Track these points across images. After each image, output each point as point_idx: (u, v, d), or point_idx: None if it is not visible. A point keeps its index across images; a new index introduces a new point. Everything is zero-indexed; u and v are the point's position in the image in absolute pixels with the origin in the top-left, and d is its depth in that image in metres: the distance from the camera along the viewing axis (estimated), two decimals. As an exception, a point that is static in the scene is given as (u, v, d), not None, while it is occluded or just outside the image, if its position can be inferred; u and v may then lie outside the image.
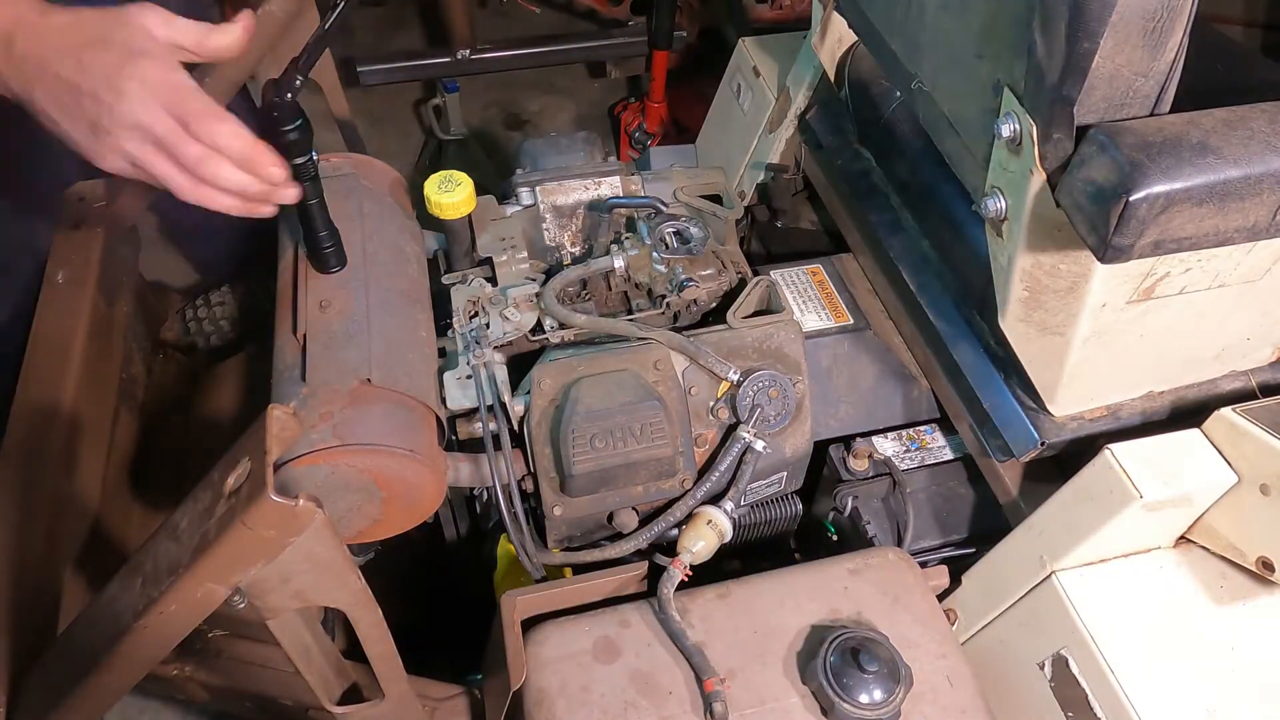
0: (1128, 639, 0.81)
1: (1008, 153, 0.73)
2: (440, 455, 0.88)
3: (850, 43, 1.19)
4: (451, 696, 0.95)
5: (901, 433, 1.10)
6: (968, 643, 0.95)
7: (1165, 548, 0.86)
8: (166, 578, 0.61)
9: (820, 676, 0.76)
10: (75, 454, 0.97)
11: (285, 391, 0.83)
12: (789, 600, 0.84)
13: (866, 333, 1.10)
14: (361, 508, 0.83)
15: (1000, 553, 0.91)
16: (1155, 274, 0.75)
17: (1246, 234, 0.67)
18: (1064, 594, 0.83)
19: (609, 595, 0.88)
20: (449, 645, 1.10)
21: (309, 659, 0.73)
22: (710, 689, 0.76)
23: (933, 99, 0.85)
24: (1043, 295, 0.79)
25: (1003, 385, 0.94)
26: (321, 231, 0.86)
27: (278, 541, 0.57)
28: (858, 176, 1.19)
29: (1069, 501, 0.82)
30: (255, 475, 0.55)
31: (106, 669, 0.67)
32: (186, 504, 0.62)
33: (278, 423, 0.57)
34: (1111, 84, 0.65)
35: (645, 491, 0.93)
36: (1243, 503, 0.79)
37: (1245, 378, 0.92)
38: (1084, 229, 0.66)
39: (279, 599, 0.63)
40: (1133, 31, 0.62)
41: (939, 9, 0.81)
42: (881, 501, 1.05)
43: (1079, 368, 0.83)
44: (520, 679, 0.78)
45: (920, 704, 0.78)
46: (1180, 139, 0.63)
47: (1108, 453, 0.79)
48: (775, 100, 1.37)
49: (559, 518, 0.93)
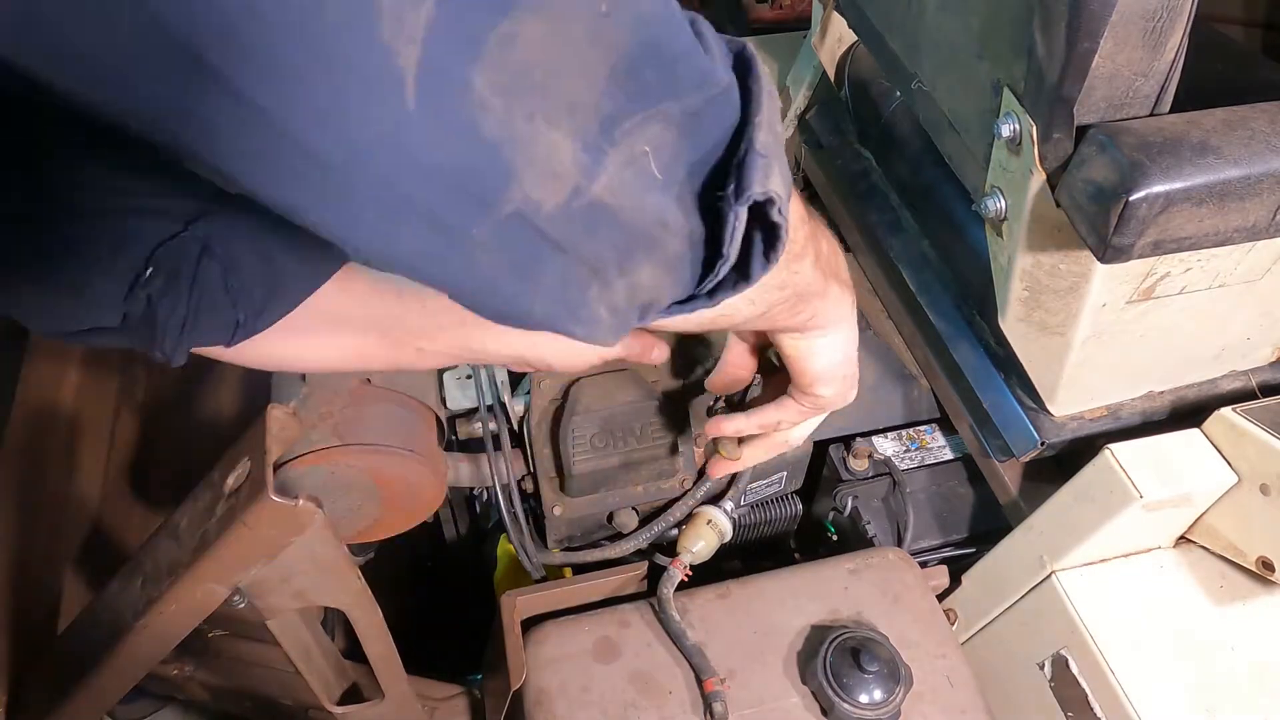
0: (1128, 639, 0.81)
1: (1008, 153, 0.73)
2: (440, 455, 0.88)
3: (850, 43, 1.19)
4: (451, 696, 0.95)
5: (901, 433, 1.10)
6: (968, 643, 0.95)
7: (1165, 548, 0.86)
8: (166, 578, 0.61)
9: (820, 676, 0.76)
10: (75, 454, 0.97)
11: (285, 391, 0.83)
12: (789, 600, 0.84)
13: (866, 333, 1.10)
14: (361, 508, 0.83)
15: (1000, 553, 0.91)
16: (1155, 274, 0.75)
17: (1246, 234, 0.67)
18: (1064, 594, 0.83)
19: (609, 595, 0.88)
20: (449, 645, 1.10)
21: (309, 659, 0.73)
22: (710, 689, 0.76)
23: (933, 99, 0.85)
24: (1043, 295, 0.79)
25: (1003, 385, 0.94)
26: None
27: (278, 541, 0.58)
28: (858, 176, 1.19)
29: (1069, 501, 0.82)
30: (255, 475, 0.56)
31: (106, 669, 0.67)
32: (186, 504, 0.62)
33: (278, 423, 0.58)
34: (1111, 84, 0.65)
35: (645, 491, 0.93)
36: (1243, 503, 0.79)
37: (1245, 378, 0.92)
38: (1084, 229, 0.66)
39: (279, 599, 0.63)
40: (1133, 31, 0.62)
41: (939, 9, 0.81)
42: (881, 501, 1.05)
43: (1079, 368, 0.83)
44: (520, 679, 0.78)
45: (920, 704, 0.78)
46: (1180, 139, 0.63)
47: (1108, 453, 0.79)
48: (775, 100, 1.36)
49: (559, 518, 0.93)
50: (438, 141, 0.30)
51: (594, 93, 0.34)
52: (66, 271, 0.46)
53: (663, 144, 0.37)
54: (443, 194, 0.31)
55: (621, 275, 0.39)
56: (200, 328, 0.50)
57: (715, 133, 0.40)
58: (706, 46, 0.39)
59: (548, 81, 0.32)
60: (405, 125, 0.29)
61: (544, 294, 0.37)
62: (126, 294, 0.47)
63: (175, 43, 0.25)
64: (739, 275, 0.43)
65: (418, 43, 0.28)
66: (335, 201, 0.31)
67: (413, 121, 0.29)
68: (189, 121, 0.28)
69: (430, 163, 0.30)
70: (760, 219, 0.41)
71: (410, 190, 0.31)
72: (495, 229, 0.33)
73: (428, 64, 0.28)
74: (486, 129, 0.31)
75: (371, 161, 0.29)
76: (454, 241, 0.33)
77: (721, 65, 0.39)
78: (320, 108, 0.28)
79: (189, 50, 0.26)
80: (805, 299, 0.56)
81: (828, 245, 0.58)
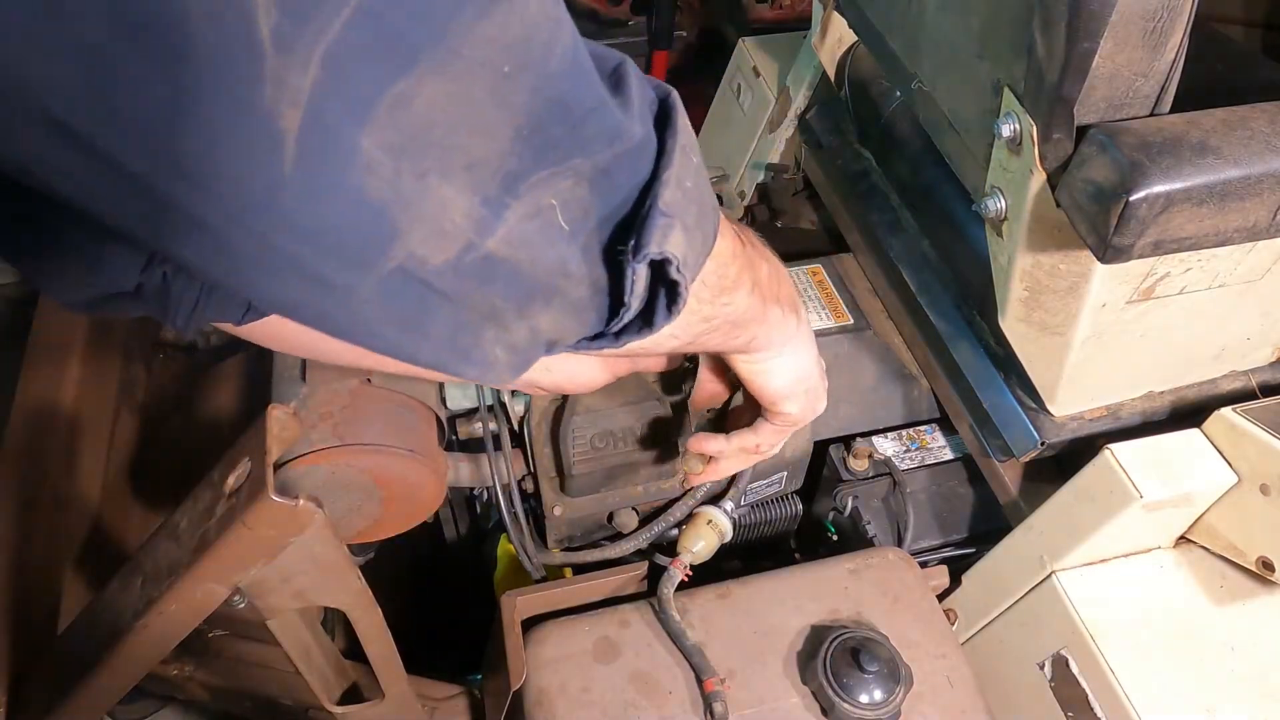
0: (1128, 639, 0.81)
1: (1008, 153, 0.73)
2: (440, 455, 0.88)
3: (850, 43, 1.18)
4: (451, 696, 0.95)
5: (901, 433, 1.10)
6: (968, 643, 0.95)
7: (1165, 548, 0.86)
8: (166, 578, 0.61)
9: (820, 676, 0.76)
10: (75, 454, 0.97)
11: (285, 391, 0.83)
12: (789, 600, 0.84)
13: (866, 333, 1.10)
14: (361, 508, 0.83)
15: (1000, 553, 0.91)
16: (1155, 274, 0.75)
17: (1246, 234, 0.67)
18: (1064, 594, 0.83)
19: (609, 595, 0.88)
20: (449, 645, 1.10)
21: (309, 659, 0.73)
22: (710, 689, 0.76)
23: (933, 99, 0.85)
24: (1043, 295, 0.79)
25: (1003, 385, 0.94)
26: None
27: (278, 541, 0.58)
28: (858, 176, 1.19)
29: (1069, 501, 0.82)
30: (255, 475, 0.56)
31: (106, 669, 0.67)
32: (186, 504, 0.62)
33: (278, 423, 0.58)
34: (1111, 84, 0.65)
35: (645, 491, 0.93)
36: (1243, 503, 0.79)
37: (1245, 378, 0.92)
38: (1084, 229, 0.66)
39: (279, 599, 0.63)
40: (1133, 31, 0.62)
41: (939, 9, 0.81)
42: (881, 501, 1.05)
43: (1079, 368, 0.83)
44: (520, 679, 0.78)
45: (920, 704, 0.78)
46: (1180, 139, 0.63)
47: (1108, 453, 0.79)
48: (775, 100, 1.37)
49: (559, 518, 0.93)
50: (315, 203, 0.30)
51: (498, 150, 0.33)
52: (89, 236, 0.46)
53: (572, 198, 0.37)
54: (321, 254, 0.31)
55: (521, 319, 0.39)
56: (212, 305, 0.51)
57: (625, 188, 0.39)
58: (626, 98, 0.39)
59: (446, 139, 0.32)
60: (280, 188, 0.29)
61: (432, 342, 0.38)
62: (144, 266, 0.47)
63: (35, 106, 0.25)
64: (643, 323, 0.43)
65: (300, 106, 0.27)
66: (215, 256, 0.31)
67: (290, 184, 0.29)
68: (67, 181, 0.28)
69: (307, 225, 0.30)
70: (660, 277, 0.41)
71: (287, 248, 0.31)
72: (378, 284, 0.33)
73: (310, 127, 0.28)
74: (371, 190, 0.30)
75: (245, 222, 0.29)
76: (335, 296, 0.33)
77: (638, 118, 0.39)
78: (193, 170, 0.27)
79: (49, 113, 0.25)
80: (741, 325, 0.57)
81: (768, 269, 0.58)
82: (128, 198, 0.28)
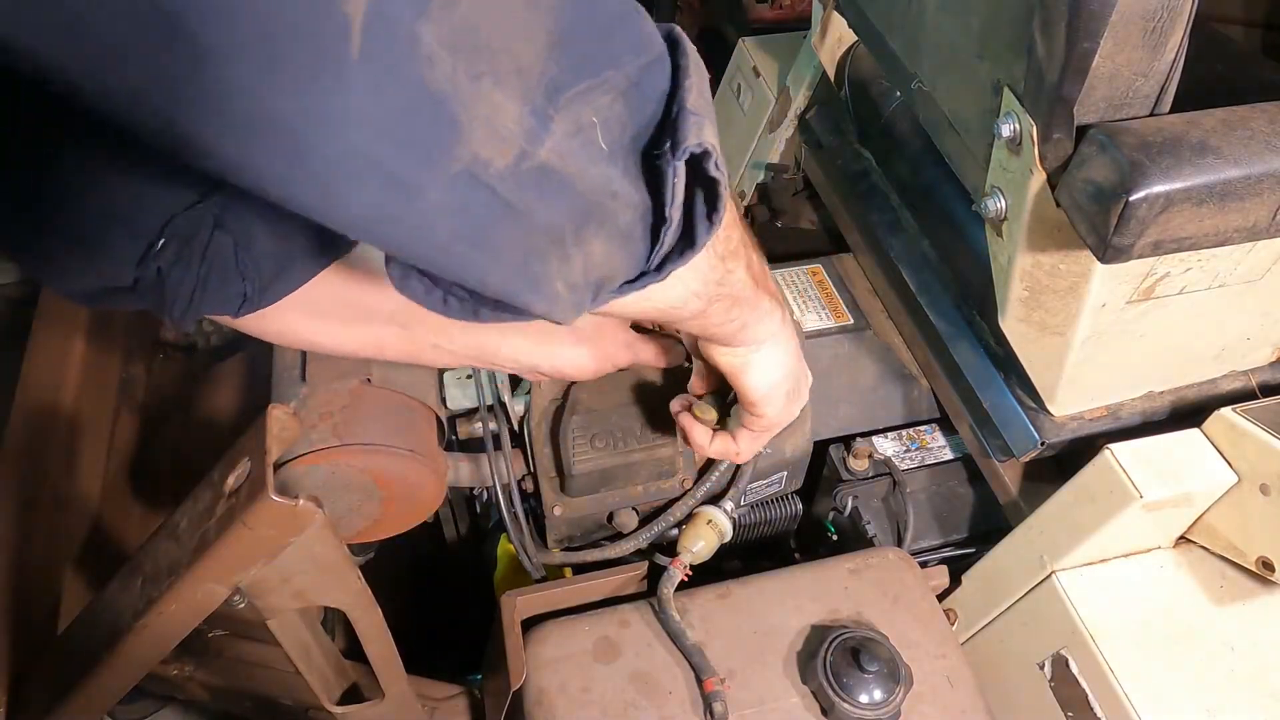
0: (1128, 639, 0.81)
1: (1008, 153, 0.73)
2: (440, 455, 0.88)
3: (850, 43, 1.18)
4: (451, 696, 0.95)
5: (901, 433, 1.10)
6: (968, 643, 0.95)
7: (1165, 548, 0.86)
8: (166, 578, 0.61)
9: (820, 676, 0.76)
10: (75, 454, 0.97)
11: (285, 391, 0.83)
12: (789, 600, 0.84)
13: (866, 333, 1.10)
14: (361, 508, 0.83)
15: (1000, 553, 0.91)
16: (1155, 274, 0.75)
17: (1246, 234, 0.67)
18: (1064, 594, 0.83)
19: (609, 595, 0.88)
20: (449, 645, 1.10)
21: (309, 659, 0.73)
22: (710, 689, 0.76)
23: (933, 99, 0.85)
24: (1043, 295, 0.79)
25: (1003, 385, 0.94)
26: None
27: (278, 541, 0.58)
28: (858, 176, 1.19)
29: (1069, 501, 0.82)
30: (255, 475, 0.56)
31: (106, 669, 0.67)
32: (186, 504, 0.62)
33: (278, 423, 0.58)
34: (1111, 84, 0.65)
35: (645, 491, 0.93)
36: (1243, 503, 0.79)
37: (1245, 378, 0.92)
38: (1084, 229, 0.66)
39: (279, 599, 0.63)
40: (1133, 31, 0.62)
41: (939, 9, 0.81)
42: (881, 501, 1.05)
43: (1079, 368, 0.83)
44: (520, 679, 0.78)
45: (920, 704, 0.78)
46: (1180, 139, 0.63)
47: (1108, 453, 0.79)
48: (775, 100, 1.37)
49: (559, 517, 0.93)
50: (382, 93, 0.30)
51: (538, 58, 0.34)
52: (86, 231, 0.46)
53: (611, 115, 0.38)
54: (392, 147, 0.32)
55: (578, 245, 0.40)
56: (208, 298, 0.51)
57: (653, 99, 0.41)
58: (643, 10, 0.40)
59: (492, 42, 0.33)
60: (350, 75, 0.29)
61: (503, 265, 0.38)
62: (140, 259, 0.48)
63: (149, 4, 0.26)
64: (685, 243, 0.44)
65: None
66: (292, 166, 0.31)
67: (359, 72, 0.29)
68: (158, 80, 0.28)
69: (377, 115, 0.31)
70: (699, 176, 0.42)
71: (359, 141, 0.31)
72: (448, 187, 0.34)
73: (374, 13, 0.29)
74: (432, 82, 0.31)
75: (320, 114, 0.30)
76: (408, 198, 0.34)
77: (657, 31, 0.41)
78: (269, 55, 0.28)
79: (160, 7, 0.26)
80: (738, 303, 0.58)
81: (758, 259, 0.60)
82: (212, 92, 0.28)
